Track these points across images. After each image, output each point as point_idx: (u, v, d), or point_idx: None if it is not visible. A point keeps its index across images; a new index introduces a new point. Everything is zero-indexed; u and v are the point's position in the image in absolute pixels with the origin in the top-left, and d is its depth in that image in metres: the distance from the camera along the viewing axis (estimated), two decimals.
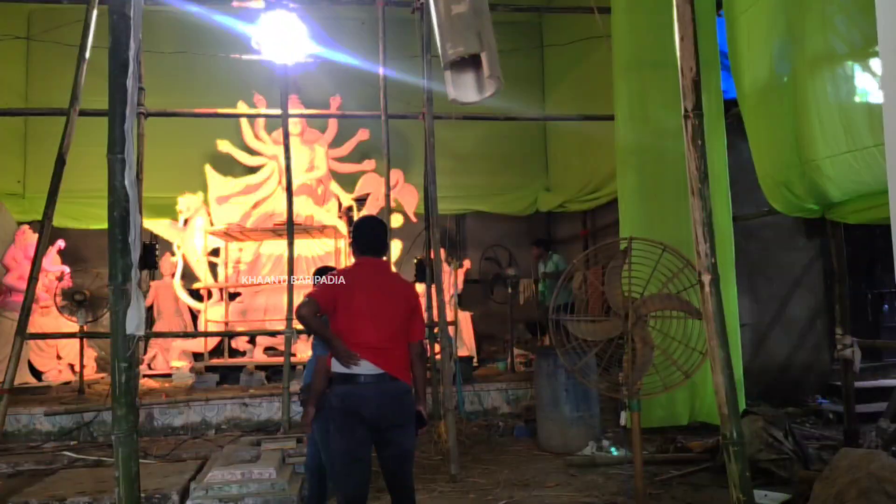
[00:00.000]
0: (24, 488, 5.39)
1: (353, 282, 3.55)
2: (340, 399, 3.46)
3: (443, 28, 3.34)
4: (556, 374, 6.37)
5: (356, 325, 3.46)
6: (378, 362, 3.46)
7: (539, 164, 12.07)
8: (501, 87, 3.33)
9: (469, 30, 3.14)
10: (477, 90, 3.47)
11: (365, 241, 3.69)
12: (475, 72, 3.43)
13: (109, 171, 2.54)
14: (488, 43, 3.18)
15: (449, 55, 3.28)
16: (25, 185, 10.81)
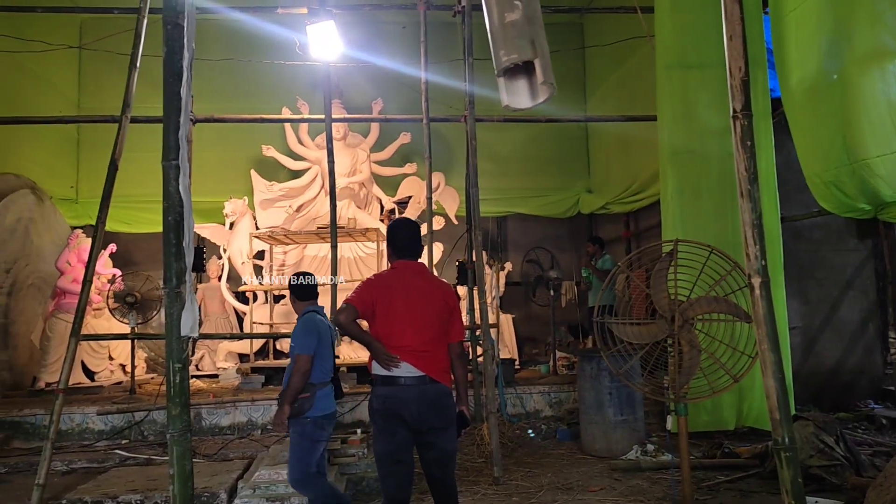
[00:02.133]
0: (78, 485, 5.55)
1: (391, 285, 3.57)
2: (381, 401, 3.49)
3: (496, 35, 3.34)
4: (600, 377, 6.33)
5: (395, 329, 3.48)
6: (418, 364, 3.48)
7: (581, 165, 11.98)
8: (554, 92, 3.32)
9: (522, 37, 3.14)
10: (530, 96, 3.47)
11: (401, 244, 3.70)
12: (528, 78, 3.42)
13: (164, 178, 2.61)
14: (541, 50, 3.18)
15: (502, 62, 3.28)
16: (78, 191, 11.13)
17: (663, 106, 6.92)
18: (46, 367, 8.53)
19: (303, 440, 4.05)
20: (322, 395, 4.09)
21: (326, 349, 4.19)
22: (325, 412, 4.10)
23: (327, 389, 4.15)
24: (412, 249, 3.72)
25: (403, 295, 3.55)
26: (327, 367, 4.19)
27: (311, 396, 4.01)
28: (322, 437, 4.10)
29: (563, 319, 10.77)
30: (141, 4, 6.16)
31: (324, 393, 4.11)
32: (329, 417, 4.14)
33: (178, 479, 2.56)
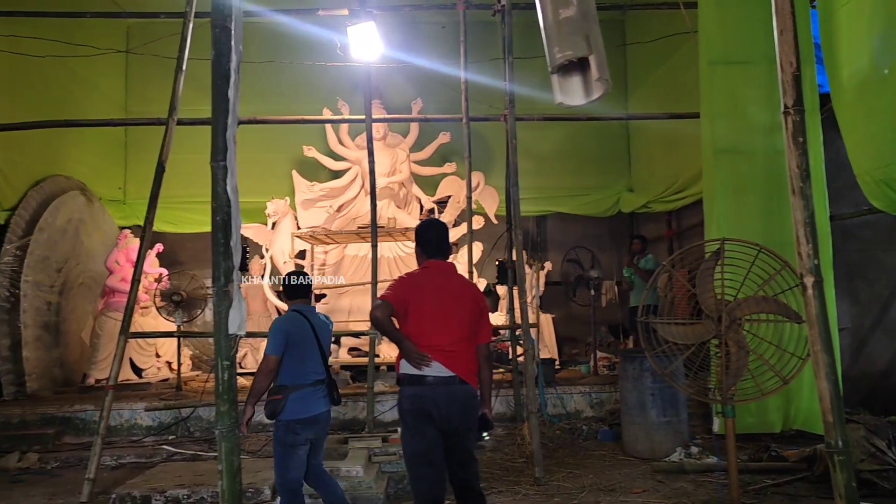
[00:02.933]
0: (127, 480, 5.68)
1: (423, 284, 3.58)
2: (411, 401, 3.49)
3: (550, 32, 3.32)
4: (642, 377, 6.25)
5: (426, 328, 3.48)
6: (448, 364, 3.48)
7: (621, 164, 11.86)
8: (609, 89, 3.29)
9: (577, 33, 3.12)
10: (584, 93, 3.44)
11: (431, 244, 3.72)
12: (582, 75, 3.39)
13: (212, 178, 2.65)
14: (596, 46, 3.16)
15: (557, 59, 3.26)
16: (126, 192, 11.39)
17: (707, 103, 6.80)
18: (96, 363, 8.77)
19: (276, 444, 3.93)
20: (297, 397, 3.89)
21: (304, 349, 3.99)
22: (298, 416, 3.88)
23: (306, 391, 3.93)
24: (442, 249, 3.74)
25: (435, 294, 3.56)
26: (307, 369, 3.98)
27: (283, 399, 3.85)
28: (296, 441, 3.88)
29: (604, 319, 10.66)
30: (187, 8, 6.28)
31: (301, 395, 3.90)
32: (305, 422, 3.90)
33: (227, 475, 2.60)
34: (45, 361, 8.49)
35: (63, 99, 9.38)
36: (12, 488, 5.81)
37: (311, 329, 4.05)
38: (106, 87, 10.96)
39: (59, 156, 9.42)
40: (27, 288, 8.17)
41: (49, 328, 8.65)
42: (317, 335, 4.06)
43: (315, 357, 4.03)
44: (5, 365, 7.85)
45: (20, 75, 8.40)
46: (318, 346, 4.05)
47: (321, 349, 4.07)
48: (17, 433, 7.10)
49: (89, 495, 5.38)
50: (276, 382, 3.94)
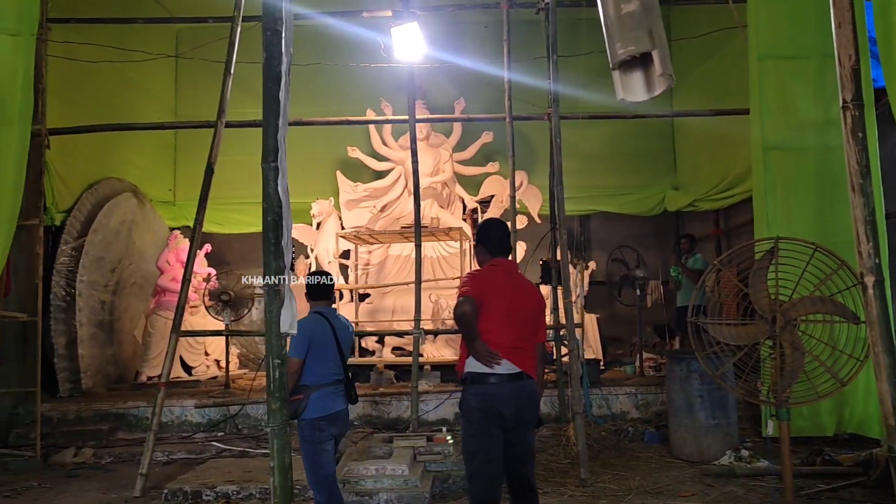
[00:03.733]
0: (178, 475, 5.81)
1: (494, 282, 3.59)
2: (481, 399, 3.49)
3: (612, 28, 3.29)
4: (690, 378, 6.16)
5: (496, 325, 3.48)
6: (515, 361, 3.50)
7: (667, 162, 11.68)
8: (673, 84, 3.24)
9: (640, 28, 3.09)
10: (646, 89, 3.40)
11: (495, 241, 3.74)
12: (644, 70, 3.35)
13: (263, 179, 2.68)
14: (660, 40, 3.12)
15: (619, 55, 3.23)
16: (175, 194, 11.65)
17: (756, 99, 6.67)
18: (148, 361, 8.97)
19: (304, 443, 3.99)
20: (318, 396, 3.96)
21: (325, 351, 4.06)
22: (321, 413, 3.95)
23: (326, 391, 3.99)
24: (505, 247, 3.76)
25: (505, 292, 3.58)
26: (326, 370, 4.04)
27: (305, 398, 3.91)
28: (322, 438, 3.96)
29: (649, 320, 10.51)
30: (235, 12, 6.39)
31: (321, 394, 3.97)
32: (328, 419, 3.98)
33: (279, 472, 2.63)
34: (100, 359, 8.73)
35: (116, 103, 9.62)
36: (68, 483, 5.99)
37: (332, 331, 4.12)
38: (156, 91, 11.22)
39: (112, 159, 9.67)
40: (82, 287, 8.41)
41: (103, 326, 8.89)
42: (337, 337, 4.12)
43: (335, 358, 4.10)
44: (61, 362, 8.08)
45: (75, 81, 8.64)
46: (337, 348, 4.11)
47: (340, 350, 4.13)
48: (72, 429, 7.31)
49: (142, 490, 5.52)
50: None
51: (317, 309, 4.24)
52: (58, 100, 7.98)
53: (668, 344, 10.08)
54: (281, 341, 2.71)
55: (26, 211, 6.69)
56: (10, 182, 6.38)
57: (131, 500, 5.43)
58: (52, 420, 7.36)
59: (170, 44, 11.29)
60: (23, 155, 6.50)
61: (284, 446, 2.65)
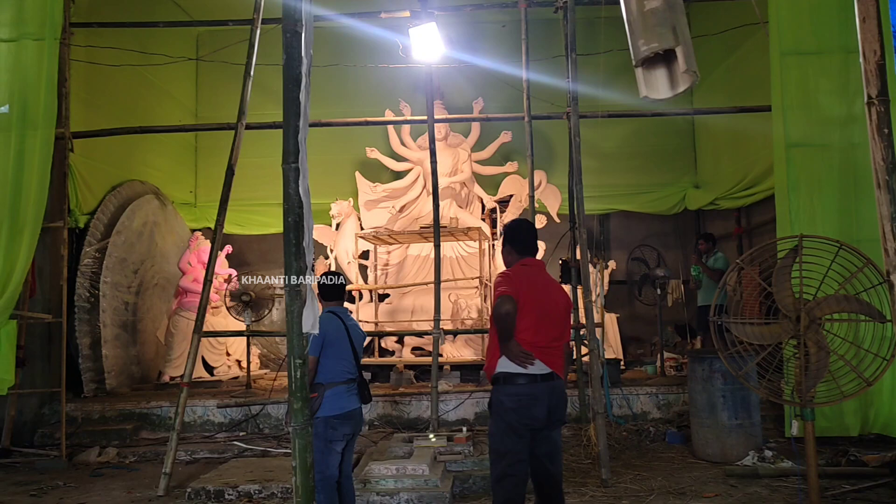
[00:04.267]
0: (201, 474, 5.86)
1: (528, 282, 3.59)
2: (516, 400, 3.49)
3: (635, 25, 3.27)
4: (712, 378, 6.11)
5: (531, 325, 3.49)
6: (546, 361, 3.52)
7: (687, 160, 11.59)
8: (697, 80, 3.21)
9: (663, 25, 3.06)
10: (669, 86, 3.37)
11: (524, 242, 3.75)
12: (667, 67, 3.32)
13: (284, 180, 2.70)
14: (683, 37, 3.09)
15: (642, 52, 3.21)
16: (196, 195, 11.75)
17: (778, 95, 6.60)
18: (170, 361, 9.06)
19: (317, 440, 3.93)
20: (332, 394, 4.00)
21: (339, 349, 4.09)
22: (335, 412, 4.00)
23: (339, 389, 4.03)
24: (533, 247, 3.78)
25: (537, 292, 3.59)
26: (340, 368, 4.07)
27: (319, 396, 3.95)
28: (335, 436, 4.00)
29: (670, 319, 10.45)
30: (254, 15, 6.43)
31: (335, 392, 4.01)
32: (342, 417, 4.02)
33: (301, 471, 2.64)
34: (123, 359, 8.82)
35: (137, 106, 9.73)
36: (93, 482, 6.06)
37: (345, 330, 4.15)
38: (177, 94, 11.32)
39: (134, 161, 9.78)
40: (106, 288, 8.50)
41: (126, 327, 8.99)
42: (350, 336, 4.16)
43: (348, 357, 4.13)
44: (86, 363, 8.18)
45: (97, 84, 8.75)
46: (351, 347, 4.15)
47: (354, 349, 4.17)
48: (97, 428, 7.40)
49: (166, 489, 5.58)
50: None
51: (330, 309, 4.27)
52: (81, 103, 8.09)
53: (690, 343, 10.00)
54: (303, 341, 2.73)
55: (51, 213, 6.79)
56: (34, 185, 6.49)
57: (155, 499, 5.48)
58: (77, 420, 7.45)
59: (190, 47, 11.40)
60: (47, 158, 6.61)
61: (306, 445, 2.67)
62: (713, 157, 11.00)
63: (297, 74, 2.71)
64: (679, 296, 10.17)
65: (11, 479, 6.23)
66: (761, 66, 7.32)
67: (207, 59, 10.15)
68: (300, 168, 2.69)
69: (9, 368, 6.34)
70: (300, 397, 2.69)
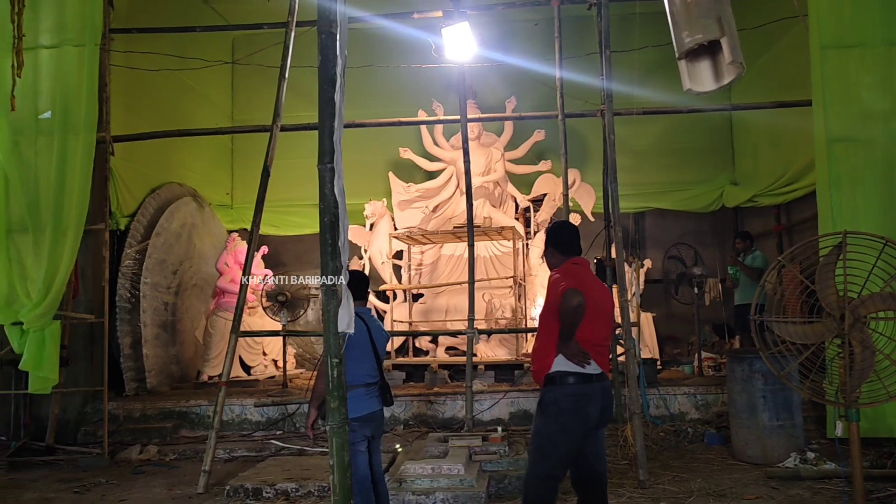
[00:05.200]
0: (239, 472, 5.94)
1: (583, 280, 3.57)
2: (573, 400, 3.46)
3: (678, 17, 3.22)
4: (752, 379, 6.00)
5: (588, 322, 3.46)
6: (598, 361, 3.52)
7: (725, 156, 11.42)
8: (743, 72, 3.15)
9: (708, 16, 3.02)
10: (714, 78, 3.31)
11: (568, 243, 3.75)
12: (712, 59, 3.27)
13: (320, 180, 2.71)
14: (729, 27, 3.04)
15: (686, 44, 3.16)
16: (233, 197, 11.92)
17: (819, 89, 6.46)
18: (209, 361, 9.19)
19: None
20: (351, 397, 3.77)
21: (360, 351, 3.99)
22: (354, 414, 3.83)
23: (360, 392, 3.95)
24: (577, 248, 3.76)
25: (592, 290, 3.57)
26: (361, 370, 3.99)
27: None
28: (356, 438, 3.91)
29: (708, 318, 10.29)
30: (289, 18, 6.49)
31: (354, 395, 3.86)
32: (361, 420, 3.93)
33: (338, 470, 2.66)
34: (163, 358, 8.98)
35: (175, 110, 9.89)
36: (135, 479, 6.18)
37: (367, 332, 4.09)
38: (214, 97, 11.49)
39: (172, 164, 9.95)
40: (146, 289, 8.66)
41: (166, 327, 9.15)
42: (372, 338, 4.10)
43: (369, 360, 4.07)
44: (127, 362, 8.34)
45: (136, 89, 8.91)
46: (372, 349, 4.09)
47: (376, 352, 4.11)
48: (138, 426, 7.55)
49: (205, 486, 5.66)
50: None
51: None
52: (121, 107, 8.24)
53: (728, 343, 9.84)
54: (339, 340, 2.75)
55: (92, 216, 6.94)
56: (76, 188, 6.64)
57: (195, 496, 5.57)
58: (119, 418, 7.60)
59: (226, 51, 11.55)
60: (88, 162, 6.75)
61: (343, 444, 2.69)
62: (752, 153, 10.82)
63: (333, 75, 2.73)
64: (717, 295, 10.01)
65: (56, 476, 6.38)
66: (801, 61, 7.18)
67: (243, 62, 10.27)
68: (335, 168, 2.71)
69: (53, 368, 6.50)
70: (337, 396, 2.71)
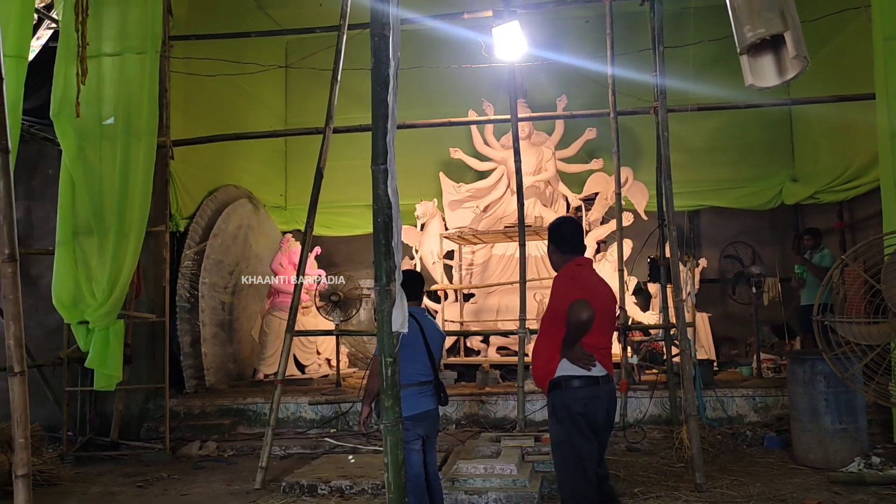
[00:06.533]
0: (294, 469, 6.05)
1: (588, 283, 3.55)
2: (584, 403, 3.44)
3: (740, 11, 3.16)
4: (814, 381, 5.83)
5: (596, 327, 3.42)
6: (604, 363, 3.49)
7: (784, 152, 11.10)
8: (807, 66, 3.07)
9: (771, 9, 2.95)
10: (777, 73, 3.24)
11: (571, 241, 3.68)
12: (774, 53, 3.20)
13: (373, 181, 2.74)
14: (792, 21, 2.96)
15: (748, 39, 3.10)
16: (287, 198, 12.14)
17: (882, 82, 6.24)
18: (264, 359, 9.38)
19: None
20: (404, 396, 3.85)
21: (412, 351, 3.94)
22: (406, 413, 3.67)
23: (411, 391, 3.90)
24: (581, 245, 3.71)
25: (597, 293, 3.53)
26: (413, 370, 3.95)
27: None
28: (408, 437, 3.84)
29: (766, 318, 10.02)
30: (341, 22, 6.58)
31: (406, 394, 3.68)
32: (413, 419, 3.87)
33: (392, 468, 2.69)
34: (221, 357, 9.20)
35: (231, 114, 10.11)
36: (195, 474, 6.35)
37: (420, 331, 4.08)
38: (268, 101, 11.72)
39: (228, 167, 10.17)
40: (204, 289, 8.88)
41: (224, 326, 9.37)
42: (425, 338, 4.09)
43: (423, 359, 4.06)
44: (187, 360, 8.56)
45: (194, 94, 9.14)
46: (426, 349, 4.08)
47: (429, 351, 4.10)
48: (197, 423, 7.75)
49: (262, 482, 5.78)
50: None
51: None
52: (179, 112, 8.47)
53: (788, 344, 9.58)
54: (392, 340, 2.77)
55: (154, 218, 7.15)
56: (139, 191, 6.85)
57: (252, 491, 5.69)
58: (179, 414, 7.81)
59: (280, 55, 11.76)
60: (150, 166, 6.96)
61: (398, 442, 2.71)
62: (812, 148, 10.51)
63: (386, 77, 2.76)
64: (776, 294, 9.75)
65: (120, 470, 6.60)
66: (863, 53, 6.95)
67: (296, 66, 10.46)
68: (389, 169, 2.73)
69: (117, 365, 6.72)
70: (391, 395, 2.74)
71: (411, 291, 4.32)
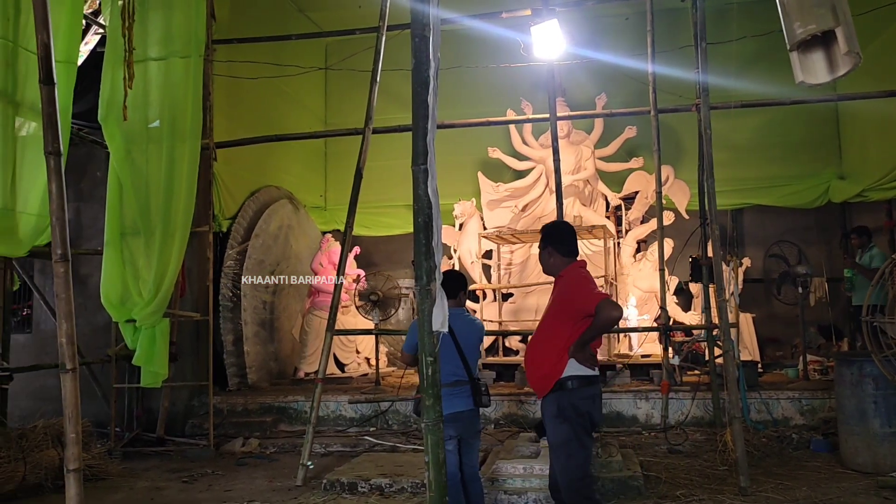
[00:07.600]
0: (335, 467, 6.10)
1: (596, 283, 3.66)
2: (589, 402, 3.50)
3: (789, 6, 3.10)
4: (863, 383, 5.67)
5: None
6: (596, 364, 3.58)
7: (830, 149, 10.84)
8: (859, 62, 3.01)
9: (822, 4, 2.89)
10: (828, 70, 3.18)
11: (569, 244, 3.74)
12: (825, 50, 3.14)
13: (414, 181, 2.76)
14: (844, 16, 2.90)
15: (798, 34, 3.04)
16: (326, 199, 12.28)
17: None
18: (305, 358, 9.50)
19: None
20: None
21: (443, 351, 3.73)
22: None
23: (444, 391, 3.86)
24: (576, 248, 3.77)
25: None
26: (445, 371, 3.82)
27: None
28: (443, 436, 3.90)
29: (812, 319, 9.80)
30: (380, 23, 6.62)
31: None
32: (446, 418, 3.66)
33: (433, 467, 2.69)
34: (263, 355, 9.33)
35: (272, 116, 10.26)
36: (238, 470, 6.46)
37: (450, 331, 4.00)
38: (308, 103, 11.86)
39: (269, 168, 10.32)
40: (246, 289, 9.02)
41: (265, 325, 9.50)
42: (456, 338, 4.07)
43: (454, 359, 4.05)
44: (230, 358, 8.71)
45: (236, 96, 9.30)
46: (456, 349, 4.07)
47: (460, 352, 4.09)
48: (240, 420, 7.87)
49: (303, 479, 5.85)
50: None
51: None
52: (222, 115, 8.62)
53: (836, 345, 9.35)
54: (433, 339, 2.78)
55: (197, 219, 7.28)
56: (183, 193, 6.98)
57: (294, 488, 5.76)
58: (223, 412, 7.95)
59: (320, 57, 11.88)
60: (194, 168, 7.09)
61: (438, 441, 2.72)
62: (860, 145, 10.24)
63: (426, 77, 2.77)
64: (823, 294, 9.53)
65: (166, 465, 6.75)
66: None
67: (336, 67, 10.55)
68: (429, 169, 2.75)
69: (163, 363, 6.86)
70: (432, 394, 2.74)
71: (448, 292, 4.34)
